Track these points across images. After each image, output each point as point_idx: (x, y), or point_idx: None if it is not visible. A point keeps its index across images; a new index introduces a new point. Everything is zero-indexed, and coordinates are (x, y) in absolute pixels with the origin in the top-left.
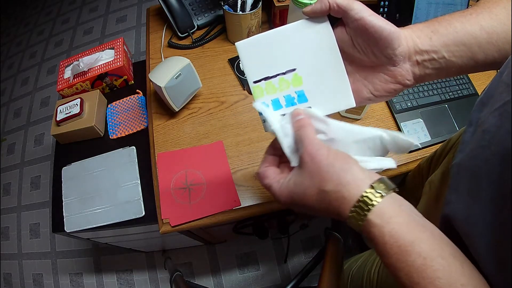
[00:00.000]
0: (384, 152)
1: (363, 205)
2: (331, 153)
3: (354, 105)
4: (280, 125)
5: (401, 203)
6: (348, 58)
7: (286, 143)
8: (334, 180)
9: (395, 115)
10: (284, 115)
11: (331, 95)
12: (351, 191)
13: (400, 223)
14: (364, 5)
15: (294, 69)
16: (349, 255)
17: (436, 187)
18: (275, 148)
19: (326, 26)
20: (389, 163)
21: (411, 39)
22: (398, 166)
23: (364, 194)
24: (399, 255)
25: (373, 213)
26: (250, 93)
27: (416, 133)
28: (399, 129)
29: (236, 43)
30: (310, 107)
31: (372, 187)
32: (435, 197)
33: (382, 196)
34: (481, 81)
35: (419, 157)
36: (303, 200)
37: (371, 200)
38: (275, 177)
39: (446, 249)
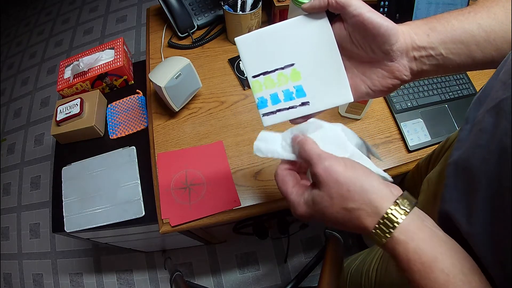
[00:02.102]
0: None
1: (388, 222)
2: (348, 165)
3: (352, 100)
4: (282, 148)
5: (423, 218)
6: (346, 54)
7: (292, 157)
8: (356, 199)
9: (395, 115)
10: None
11: (330, 90)
12: (375, 209)
13: (423, 239)
14: (362, 1)
15: (292, 64)
16: (348, 253)
17: (434, 184)
18: None
19: (324, 22)
20: (387, 176)
21: (409, 35)
22: (397, 166)
23: (389, 211)
24: (423, 272)
25: (398, 230)
26: (249, 87)
27: (416, 133)
28: (399, 129)
29: (235, 38)
30: (308, 101)
31: (396, 203)
32: (433, 194)
33: (406, 213)
34: (481, 81)
35: (418, 157)
36: (324, 216)
37: (396, 218)
38: (294, 186)
39: (465, 264)
